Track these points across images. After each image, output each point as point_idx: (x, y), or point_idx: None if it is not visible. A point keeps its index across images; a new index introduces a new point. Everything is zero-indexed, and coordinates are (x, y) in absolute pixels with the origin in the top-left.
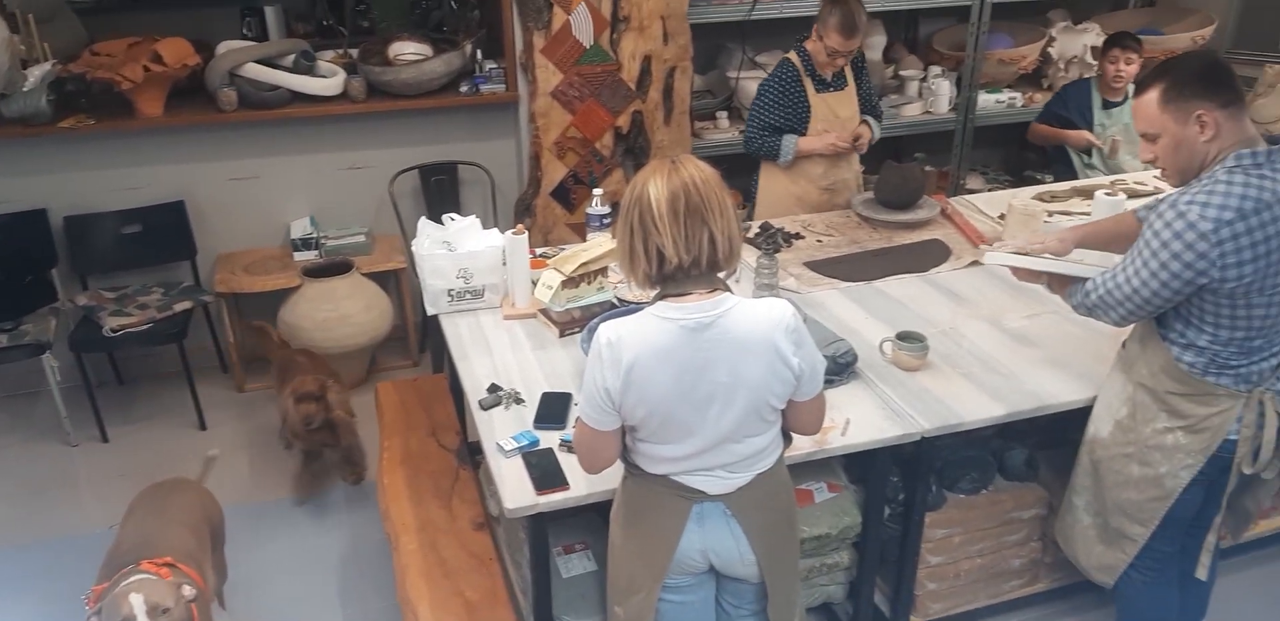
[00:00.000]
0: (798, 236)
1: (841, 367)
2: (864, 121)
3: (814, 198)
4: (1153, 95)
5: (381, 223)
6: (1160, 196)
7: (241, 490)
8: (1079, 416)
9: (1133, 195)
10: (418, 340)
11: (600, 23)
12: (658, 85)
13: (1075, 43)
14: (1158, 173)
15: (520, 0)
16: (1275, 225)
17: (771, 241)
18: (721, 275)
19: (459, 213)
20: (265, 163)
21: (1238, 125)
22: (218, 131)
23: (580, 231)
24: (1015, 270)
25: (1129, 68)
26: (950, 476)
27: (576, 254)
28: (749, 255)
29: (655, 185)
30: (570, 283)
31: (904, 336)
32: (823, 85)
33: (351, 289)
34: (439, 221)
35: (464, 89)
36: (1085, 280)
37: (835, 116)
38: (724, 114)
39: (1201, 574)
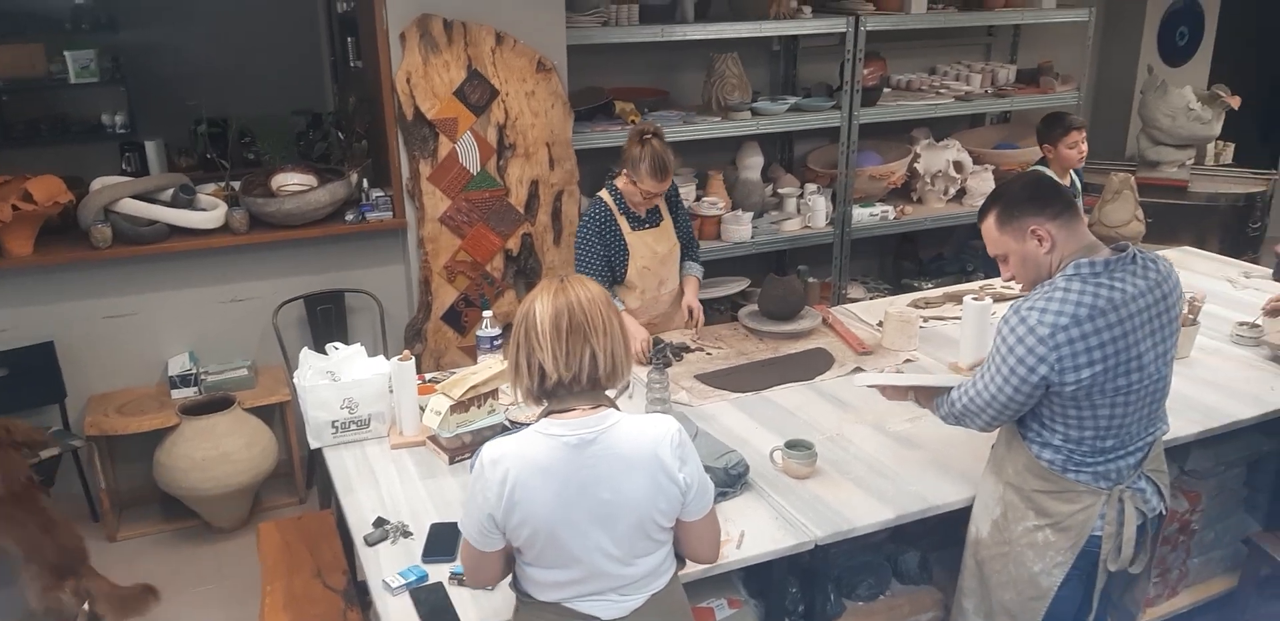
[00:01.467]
0: (687, 349)
1: (734, 479)
2: (687, 274)
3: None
4: (990, 220)
5: (266, 355)
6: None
7: None
8: (967, 515)
9: (999, 299)
10: (304, 475)
11: (486, 150)
12: (546, 208)
13: (938, 158)
14: None
15: (406, 130)
16: (1110, 331)
17: (662, 356)
18: (609, 393)
19: (346, 341)
20: (142, 299)
21: (1072, 234)
22: (91, 269)
23: (472, 354)
24: (883, 389)
25: (1084, 146)
26: (848, 583)
27: (465, 377)
28: (641, 370)
29: (541, 303)
30: (459, 407)
31: (793, 444)
32: (637, 222)
33: (232, 425)
34: (324, 351)
35: (350, 217)
36: (949, 390)
37: (654, 253)
38: None
39: None
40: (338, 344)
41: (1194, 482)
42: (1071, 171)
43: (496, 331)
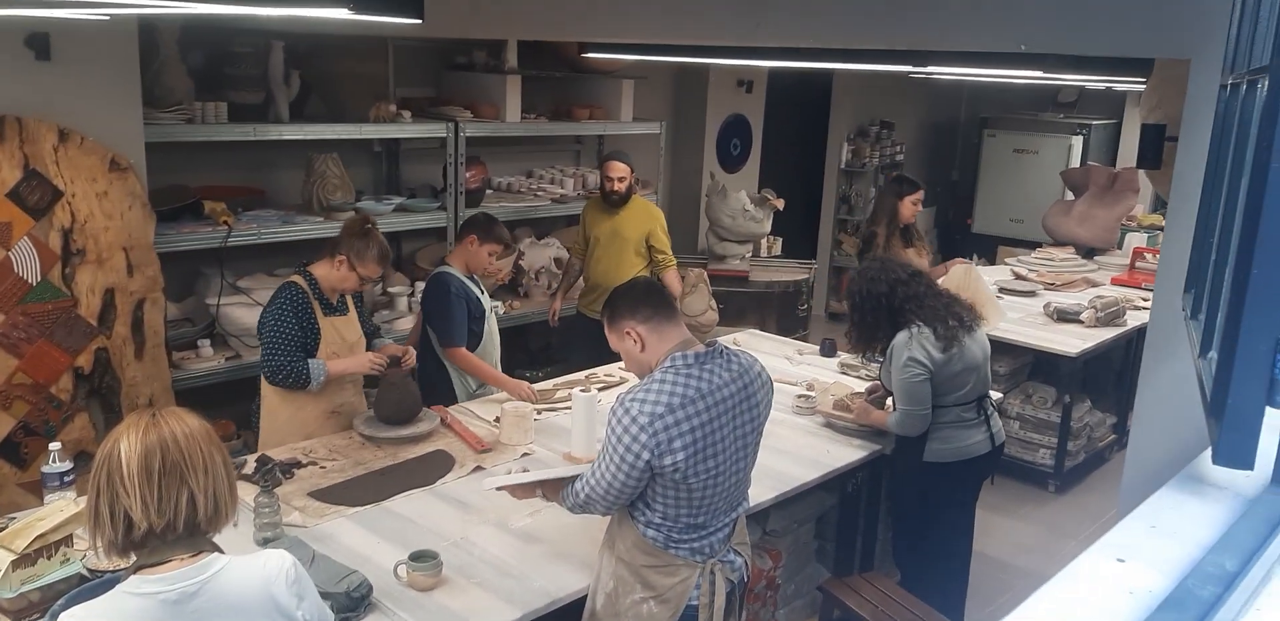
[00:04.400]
0: (298, 465)
1: (356, 602)
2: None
3: (318, 422)
4: (605, 322)
5: None
6: None
7: None
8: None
9: (604, 387)
10: None
11: (49, 257)
12: (124, 319)
13: (541, 255)
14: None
15: None
16: (700, 417)
17: (270, 476)
18: (210, 537)
19: None
20: None
21: (662, 336)
22: None
23: (36, 491)
24: (512, 490)
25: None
26: None
27: (30, 525)
28: (247, 494)
29: (128, 441)
30: (25, 560)
31: (416, 556)
32: (330, 309)
33: None
34: None
35: None
36: (573, 480)
37: (343, 340)
38: (206, 342)
39: None
40: None
41: (775, 541)
42: None
43: (67, 465)
